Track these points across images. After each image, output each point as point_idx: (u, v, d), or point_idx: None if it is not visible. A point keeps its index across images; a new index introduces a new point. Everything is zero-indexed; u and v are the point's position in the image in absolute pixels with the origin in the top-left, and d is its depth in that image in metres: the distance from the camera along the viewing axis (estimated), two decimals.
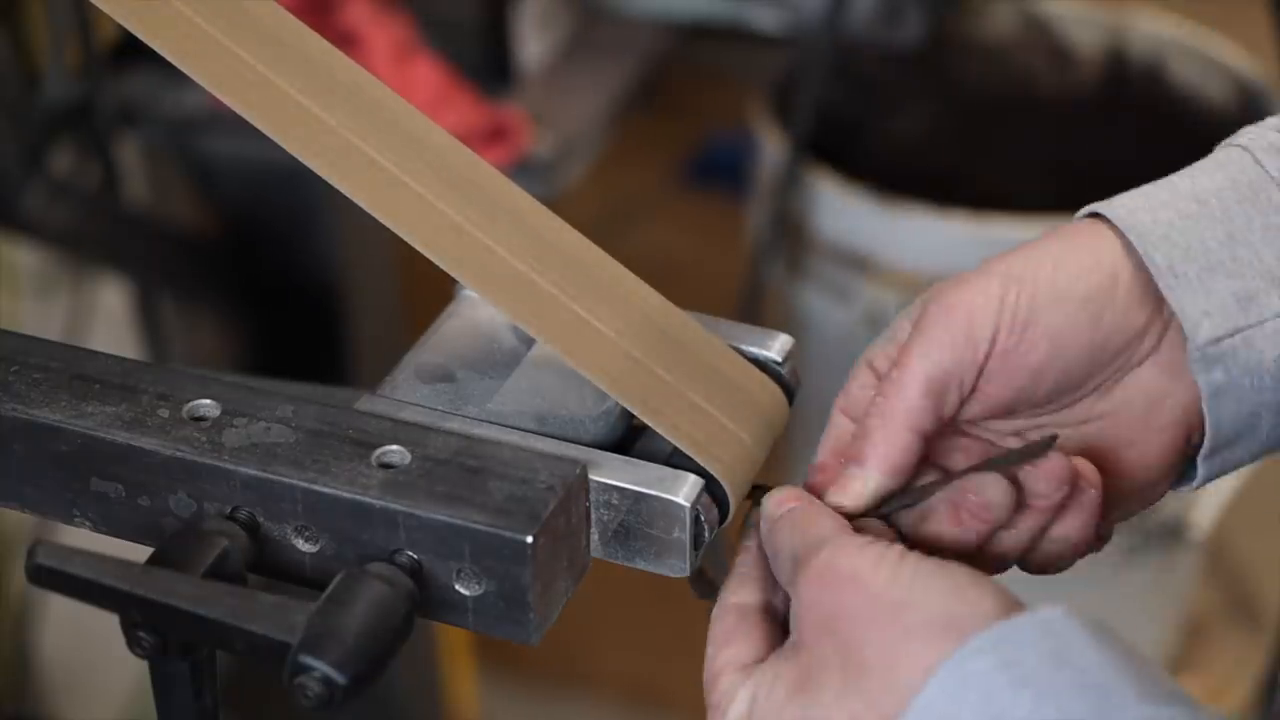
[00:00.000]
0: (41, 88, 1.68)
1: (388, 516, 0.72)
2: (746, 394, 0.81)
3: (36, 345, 0.79)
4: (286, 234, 1.79)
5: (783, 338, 0.84)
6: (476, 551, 0.72)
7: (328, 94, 0.78)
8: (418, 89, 1.72)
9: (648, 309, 0.81)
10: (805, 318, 1.96)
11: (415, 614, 0.72)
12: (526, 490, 0.73)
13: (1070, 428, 0.79)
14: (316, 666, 0.68)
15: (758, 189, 2.00)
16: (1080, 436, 0.79)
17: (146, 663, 0.74)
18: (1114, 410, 0.78)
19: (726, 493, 0.77)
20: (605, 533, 0.76)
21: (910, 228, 1.85)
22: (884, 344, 0.79)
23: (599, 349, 0.78)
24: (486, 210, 0.79)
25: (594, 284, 0.80)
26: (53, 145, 1.69)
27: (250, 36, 0.78)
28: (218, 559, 0.72)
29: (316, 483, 0.73)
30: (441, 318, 0.85)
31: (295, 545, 0.74)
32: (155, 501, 0.76)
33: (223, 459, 0.74)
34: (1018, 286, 0.75)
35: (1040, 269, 0.76)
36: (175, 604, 0.70)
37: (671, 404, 0.78)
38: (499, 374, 0.81)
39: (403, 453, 0.74)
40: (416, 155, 0.79)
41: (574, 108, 1.86)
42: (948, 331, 0.75)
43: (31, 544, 0.72)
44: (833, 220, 1.89)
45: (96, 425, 0.75)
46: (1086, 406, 0.78)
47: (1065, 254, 0.76)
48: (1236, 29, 2.13)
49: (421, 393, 0.80)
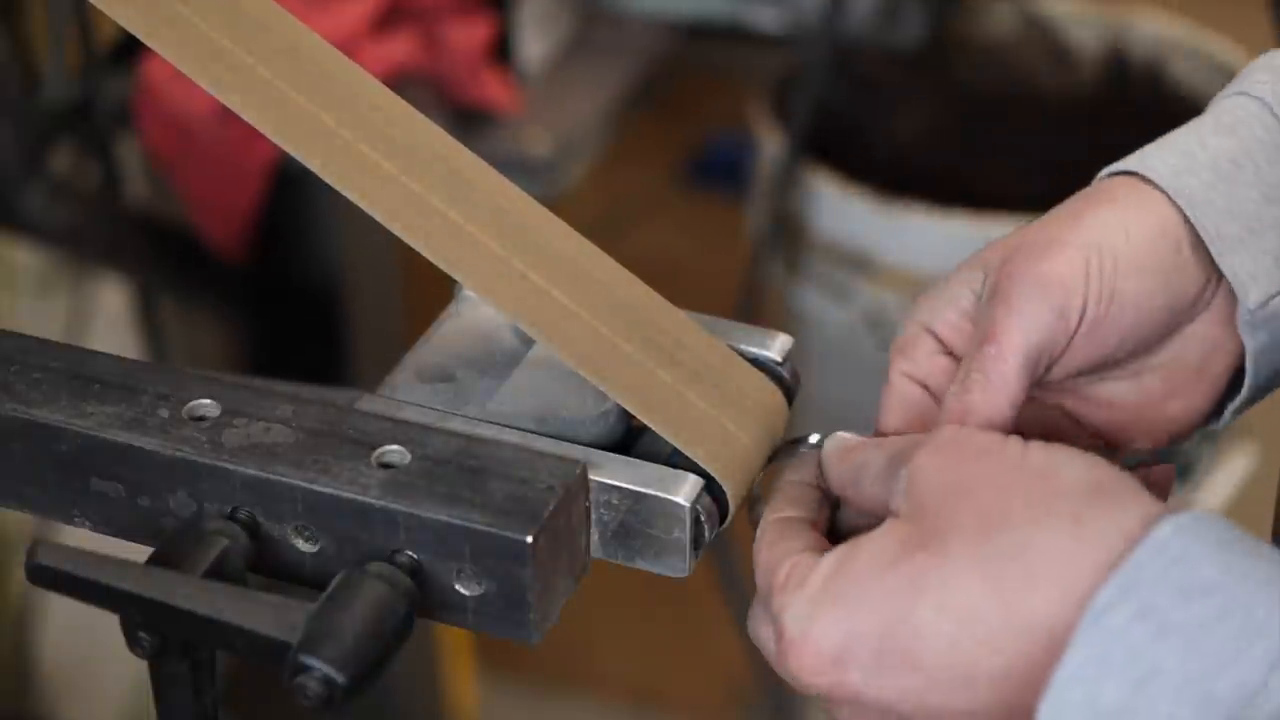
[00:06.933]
0: (41, 88, 1.68)
1: (388, 516, 0.72)
2: (746, 394, 0.81)
3: (36, 345, 0.79)
4: (286, 234, 1.79)
5: (782, 338, 0.84)
6: (476, 551, 0.72)
7: (327, 93, 0.78)
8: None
9: (647, 309, 0.81)
10: (805, 318, 1.96)
11: (415, 614, 0.72)
12: (526, 490, 0.73)
13: (1124, 380, 0.79)
14: (316, 666, 0.68)
15: (757, 189, 2.00)
16: (1132, 388, 0.79)
17: (146, 663, 0.74)
18: (1169, 362, 0.79)
19: (726, 493, 0.77)
20: (605, 533, 0.76)
21: (910, 228, 1.85)
22: (940, 311, 0.78)
23: (598, 349, 0.78)
24: (484, 209, 0.79)
25: (593, 284, 0.80)
26: (53, 145, 1.69)
27: (250, 36, 0.78)
28: (218, 559, 0.72)
29: (316, 483, 0.73)
30: (441, 318, 0.85)
31: (295, 545, 0.74)
32: (155, 501, 0.76)
33: (223, 459, 0.74)
34: (1099, 257, 0.75)
35: (1115, 237, 0.76)
36: (175, 604, 0.70)
37: (671, 404, 0.78)
38: (499, 374, 0.81)
39: (403, 453, 0.74)
40: (415, 155, 0.79)
41: (574, 108, 1.86)
42: (1043, 305, 0.75)
43: (31, 544, 0.72)
44: (832, 220, 1.89)
45: (96, 425, 0.75)
46: (1142, 360, 0.79)
47: (1133, 222, 0.76)
48: (1236, 29, 2.13)
49: (421, 393, 0.80)
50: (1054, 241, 0.76)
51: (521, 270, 0.78)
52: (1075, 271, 0.75)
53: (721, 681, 2.26)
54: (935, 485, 0.68)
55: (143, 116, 1.72)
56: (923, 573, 0.66)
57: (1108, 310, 0.76)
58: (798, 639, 0.67)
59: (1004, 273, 0.76)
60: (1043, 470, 0.67)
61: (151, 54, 0.77)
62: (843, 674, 0.67)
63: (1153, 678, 0.62)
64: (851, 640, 0.67)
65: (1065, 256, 0.75)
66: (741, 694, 2.21)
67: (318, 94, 0.78)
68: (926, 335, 0.78)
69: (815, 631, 0.67)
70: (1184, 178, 0.77)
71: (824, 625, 0.67)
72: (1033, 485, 0.67)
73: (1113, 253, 0.76)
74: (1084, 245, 0.76)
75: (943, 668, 0.66)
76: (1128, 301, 0.76)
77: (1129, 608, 0.63)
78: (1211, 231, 0.76)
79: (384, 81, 0.80)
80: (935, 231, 1.84)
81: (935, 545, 0.66)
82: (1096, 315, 0.76)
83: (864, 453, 0.74)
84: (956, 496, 0.67)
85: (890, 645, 0.66)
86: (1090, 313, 0.76)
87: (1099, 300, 0.76)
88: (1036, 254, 0.76)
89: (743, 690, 2.20)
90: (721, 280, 1.98)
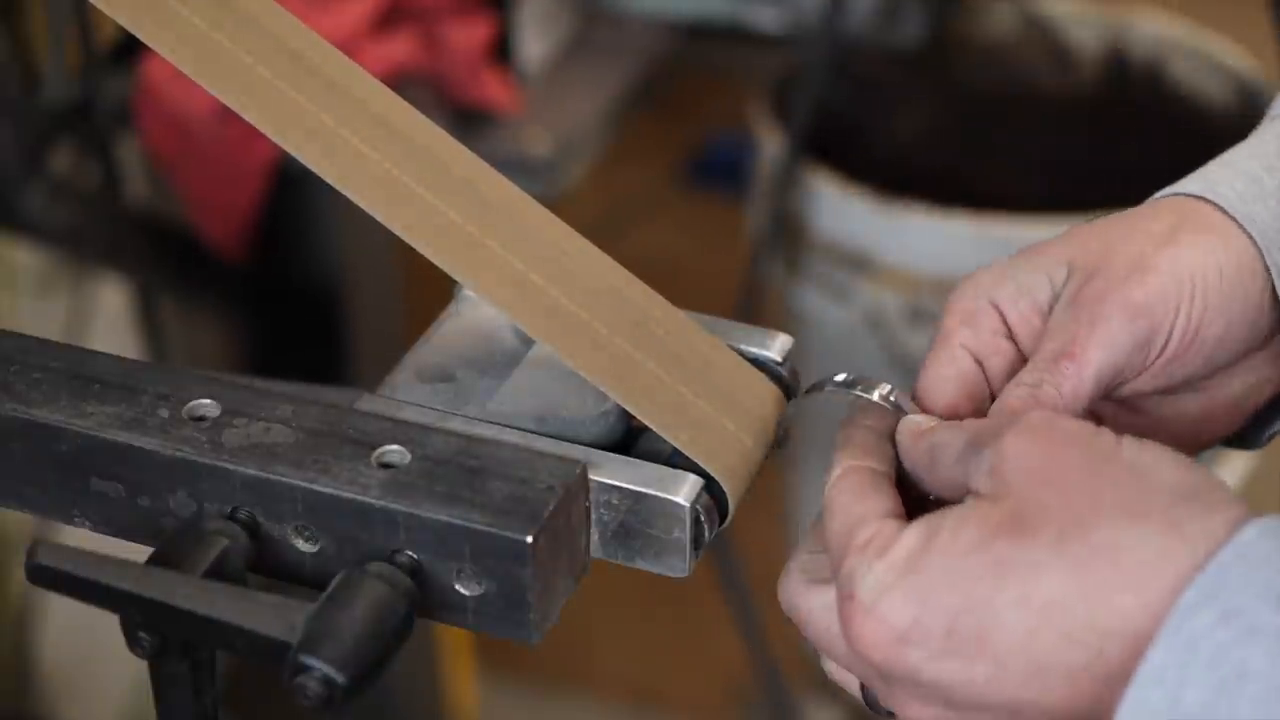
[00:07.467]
0: (41, 88, 1.68)
1: (388, 516, 0.72)
2: (746, 394, 0.81)
3: (36, 345, 0.79)
4: (286, 234, 1.79)
5: (782, 337, 0.84)
6: (476, 551, 0.72)
7: (327, 93, 0.78)
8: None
9: (646, 309, 0.81)
10: (804, 317, 1.96)
11: (415, 614, 0.72)
12: (526, 490, 0.73)
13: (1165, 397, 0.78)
14: (316, 666, 0.68)
15: (757, 189, 2.00)
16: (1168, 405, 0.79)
17: (146, 663, 0.74)
18: (1212, 391, 0.78)
19: (726, 493, 0.77)
20: (605, 533, 0.76)
21: (910, 228, 1.85)
22: (1012, 293, 0.76)
23: (598, 349, 0.78)
24: (484, 209, 0.79)
25: (592, 284, 0.80)
26: (53, 145, 1.69)
27: (249, 36, 0.78)
28: (218, 559, 0.73)
29: (316, 483, 0.73)
30: (441, 318, 0.85)
31: (295, 545, 0.74)
32: (155, 501, 0.76)
33: (222, 459, 0.74)
34: (1190, 293, 0.75)
35: (1209, 274, 0.75)
36: (175, 604, 0.70)
37: (671, 404, 0.78)
38: (499, 374, 0.81)
39: (403, 453, 0.74)
40: (415, 156, 0.79)
41: (574, 108, 1.86)
42: (1129, 334, 0.74)
43: (31, 544, 0.72)
44: (832, 220, 1.89)
45: (96, 425, 0.75)
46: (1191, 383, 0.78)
47: (1225, 258, 0.75)
48: (1236, 29, 2.13)
49: (421, 393, 0.80)
50: (1148, 267, 0.75)
51: (522, 270, 0.78)
52: (1166, 306, 0.74)
53: (721, 681, 2.26)
54: (1024, 469, 0.66)
55: (143, 116, 1.72)
56: (1008, 560, 0.64)
57: (1189, 346, 0.75)
58: (869, 606, 0.66)
59: (1091, 288, 0.75)
60: (1136, 466, 0.66)
61: (151, 54, 0.77)
62: (906, 652, 0.65)
63: (1237, 680, 0.60)
64: (924, 619, 0.65)
65: (1158, 286, 0.74)
66: (741, 694, 2.21)
67: (317, 94, 0.78)
68: (993, 311, 0.77)
69: (887, 603, 0.66)
70: (1253, 205, 0.76)
71: (898, 599, 0.65)
72: (1126, 481, 0.65)
73: (1204, 290, 0.75)
74: (1177, 278, 0.74)
75: (1017, 657, 0.64)
76: (1209, 339, 0.75)
77: (1214, 609, 0.61)
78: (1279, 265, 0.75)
79: (384, 81, 0.81)
80: (935, 231, 1.84)
81: (1023, 533, 0.64)
82: (1178, 352, 0.75)
83: (941, 433, 0.72)
84: (1046, 483, 0.65)
85: (964, 628, 0.64)
86: (1172, 349, 0.75)
87: (1183, 337, 0.75)
88: (1127, 276, 0.75)
89: (743, 690, 2.20)
90: (721, 280, 1.98)
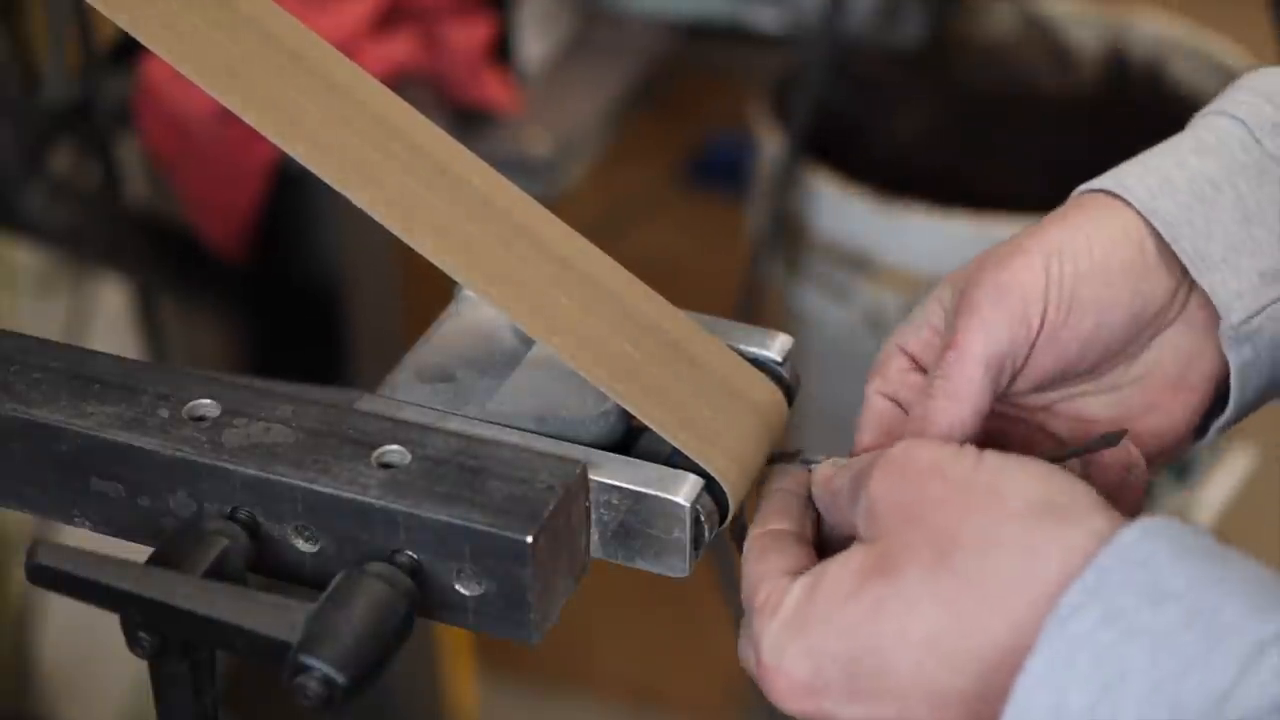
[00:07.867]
0: (41, 88, 1.68)
1: (388, 516, 0.72)
2: (746, 394, 0.81)
3: (36, 345, 0.80)
4: (286, 234, 1.79)
5: (782, 338, 0.84)
6: (476, 551, 0.72)
7: (327, 94, 0.78)
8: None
9: (646, 309, 0.81)
10: (804, 318, 1.96)
11: (415, 614, 0.72)
12: (526, 490, 0.73)
13: (1102, 395, 0.80)
14: (316, 666, 0.68)
15: (757, 189, 2.00)
16: (1110, 403, 0.80)
17: (146, 663, 0.74)
18: (1145, 374, 0.79)
19: (726, 493, 0.77)
20: (605, 533, 0.76)
21: (910, 228, 1.85)
22: (915, 329, 0.80)
23: (598, 349, 0.78)
24: (484, 209, 0.79)
25: (592, 284, 0.80)
26: (53, 145, 1.69)
27: (249, 37, 0.78)
28: (218, 559, 0.73)
29: (316, 483, 0.73)
30: (441, 318, 0.85)
31: (295, 545, 0.74)
32: (155, 501, 0.76)
33: (222, 459, 0.74)
34: (1059, 261, 0.76)
35: (1076, 242, 0.76)
36: (175, 604, 0.70)
37: (670, 404, 0.78)
38: (499, 374, 0.81)
39: (403, 453, 0.74)
40: (415, 156, 0.79)
41: (574, 108, 1.86)
42: (1002, 310, 0.76)
43: (31, 544, 0.72)
44: (832, 220, 1.89)
45: (96, 425, 0.75)
46: (1119, 373, 0.79)
47: (1096, 228, 0.77)
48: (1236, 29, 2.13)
49: (421, 393, 0.80)
50: (1016, 250, 0.77)
51: (520, 269, 0.78)
52: (1035, 278, 0.76)
53: (721, 681, 2.26)
54: (888, 508, 0.69)
55: (143, 116, 1.72)
56: (882, 600, 0.67)
57: (1067, 316, 0.76)
58: (772, 666, 0.69)
59: (970, 283, 0.77)
60: (992, 489, 0.67)
61: (151, 54, 0.77)
62: (818, 701, 0.68)
63: (1120, 681, 0.62)
64: (821, 669, 0.68)
65: (1025, 263, 0.76)
66: (741, 694, 2.21)
67: (317, 95, 0.78)
68: (899, 354, 0.80)
69: (788, 661, 0.69)
70: (1160, 200, 0.77)
71: (794, 655, 0.69)
72: (981, 507, 0.67)
73: (1073, 259, 0.76)
74: (1044, 252, 0.76)
75: (913, 689, 0.67)
76: (1088, 308, 0.76)
77: (1095, 612, 0.63)
78: (1190, 251, 0.76)
79: (384, 81, 0.81)
80: (935, 231, 1.84)
81: (892, 572, 0.67)
82: (1056, 321, 0.76)
83: (837, 478, 0.75)
84: (909, 521, 0.68)
85: (860, 671, 0.67)
86: (1050, 318, 0.76)
87: (1059, 306, 0.76)
88: (999, 263, 0.77)
89: (743, 690, 2.20)
90: (721, 280, 1.98)
